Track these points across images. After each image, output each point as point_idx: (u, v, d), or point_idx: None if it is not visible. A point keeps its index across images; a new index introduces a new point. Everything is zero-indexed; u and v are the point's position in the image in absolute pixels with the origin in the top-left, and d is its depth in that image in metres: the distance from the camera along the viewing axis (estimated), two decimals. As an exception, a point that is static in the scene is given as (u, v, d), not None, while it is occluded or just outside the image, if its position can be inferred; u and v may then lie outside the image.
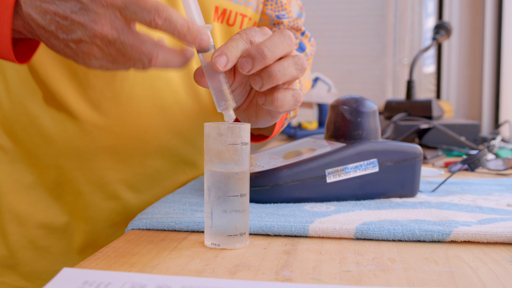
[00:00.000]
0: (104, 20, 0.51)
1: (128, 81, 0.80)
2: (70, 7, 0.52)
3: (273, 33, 0.57)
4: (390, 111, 1.46)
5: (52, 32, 0.54)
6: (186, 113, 0.86)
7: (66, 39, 0.53)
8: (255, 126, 0.68)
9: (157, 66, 0.54)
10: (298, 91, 0.59)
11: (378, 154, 0.71)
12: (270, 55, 0.54)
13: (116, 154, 0.82)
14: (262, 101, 0.58)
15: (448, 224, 0.58)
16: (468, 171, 1.00)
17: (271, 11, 0.94)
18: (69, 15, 0.52)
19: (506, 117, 1.80)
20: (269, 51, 0.54)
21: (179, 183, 0.88)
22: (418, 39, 3.09)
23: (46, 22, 0.53)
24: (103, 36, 0.52)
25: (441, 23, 1.58)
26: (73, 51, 0.54)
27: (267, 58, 0.54)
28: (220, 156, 0.52)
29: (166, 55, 0.54)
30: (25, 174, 0.82)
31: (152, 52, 0.53)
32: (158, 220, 0.60)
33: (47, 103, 0.79)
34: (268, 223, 0.58)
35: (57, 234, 0.83)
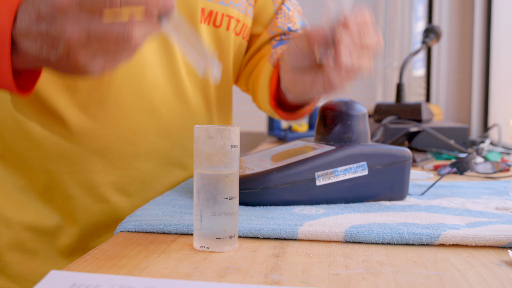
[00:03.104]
0: (68, 26, 0.52)
1: (115, 84, 0.80)
2: (45, 25, 0.53)
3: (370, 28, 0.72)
4: (380, 114, 1.46)
5: (45, 59, 0.55)
6: (174, 115, 0.86)
7: (57, 59, 0.54)
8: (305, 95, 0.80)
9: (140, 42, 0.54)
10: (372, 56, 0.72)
11: (367, 157, 0.72)
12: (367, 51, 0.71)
13: (105, 157, 0.82)
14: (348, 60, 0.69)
15: (437, 227, 0.58)
16: (457, 174, 1.01)
17: (282, 24, 0.99)
18: (46, 31, 0.53)
19: (495, 121, 1.81)
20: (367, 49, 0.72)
21: (169, 185, 0.88)
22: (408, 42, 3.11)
23: (37, 48, 0.55)
24: (76, 39, 0.52)
25: (431, 27, 1.59)
26: (71, 66, 0.55)
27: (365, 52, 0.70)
28: (209, 158, 0.52)
29: (141, 28, 0.53)
30: (15, 178, 0.81)
31: (125, 32, 0.52)
32: (147, 223, 0.60)
33: (35, 107, 0.79)
34: (258, 226, 0.58)
35: (46, 237, 0.83)
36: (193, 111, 0.88)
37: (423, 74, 2.35)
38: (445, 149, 1.28)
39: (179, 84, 0.85)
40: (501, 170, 1.04)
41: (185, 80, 0.86)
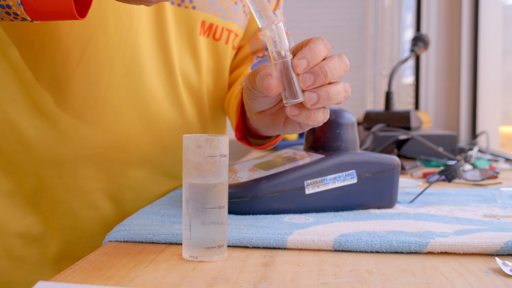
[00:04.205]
0: None
1: (112, 90, 0.80)
2: None
3: (333, 55, 0.59)
4: (369, 122, 1.47)
5: None
6: (169, 125, 0.86)
7: None
8: (279, 133, 0.70)
9: None
10: (328, 109, 0.61)
11: (356, 165, 0.72)
12: (331, 76, 0.57)
13: (97, 163, 0.81)
14: (296, 112, 0.59)
15: (425, 235, 0.58)
16: (446, 181, 1.01)
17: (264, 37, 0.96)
18: None
19: (483, 128, 1.82)
20: (330, 72, 0.57)
21: (160, 195, 0.88)
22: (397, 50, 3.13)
23: None
24: None
25: (419, 35, 1.60)
26: None
27: (328, 79, 0.57)
28: (198, 168, 0.52)
29: None
30: (2, 181, 0.81)
31: None
32: (136, 232, 0.60)
33: (29, 110, 0.79)
34: (247, 235, 0.58)
35: (34, 244, 0.82)
36: (188, 121, 0.88)
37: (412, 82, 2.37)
38: (434, 156, 1.29)
39: (175, 94, 0.86)
40: (489, 177, 1.04)
41: (181, 90, 0.86)
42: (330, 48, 0.60)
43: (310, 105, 0.58)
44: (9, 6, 0.60)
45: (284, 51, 0.57)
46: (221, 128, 0.99)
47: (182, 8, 0.84)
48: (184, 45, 0.86)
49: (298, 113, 0.59)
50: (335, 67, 0.58)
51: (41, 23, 0.76)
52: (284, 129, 0.68)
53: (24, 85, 0.79)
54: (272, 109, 0.69)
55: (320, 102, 0.57)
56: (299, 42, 0.62)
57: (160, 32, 0.83)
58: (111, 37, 0.79)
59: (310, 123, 0.60)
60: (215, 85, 0.92)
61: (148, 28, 0.82)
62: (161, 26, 0.83)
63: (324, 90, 0.57)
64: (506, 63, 2.01)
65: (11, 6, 0.60)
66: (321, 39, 0.59)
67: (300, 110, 0.59)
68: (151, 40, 0.82)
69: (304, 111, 0.59)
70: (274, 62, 0.58)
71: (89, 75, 0.79)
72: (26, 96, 0.79)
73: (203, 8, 0.85)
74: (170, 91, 0.85)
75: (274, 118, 0.68)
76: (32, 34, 0.77)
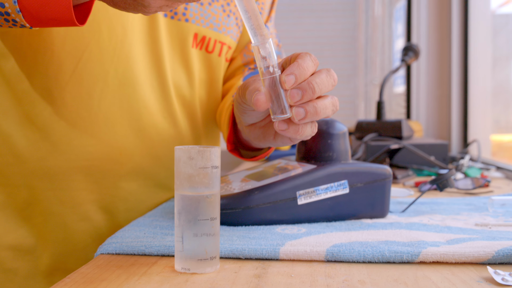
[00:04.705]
0: None
1: (106, 101, 0.80)
2: None
3: (321, 70, 0.60)
4: (361, 132, 1.47)
5: None
6: (162, 137, 0.86)
7: None
8: (270, 145, 0.70)
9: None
10: (316, 123, 0.61)
11: (348, 175, 0.72)
12: (318, 91, 0.58)
13: (90, 174, 0.81)
14: (284, 127, 0.59)
15: (417, 245, 0.59)
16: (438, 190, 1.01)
17: None
18: None
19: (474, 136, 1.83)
20: (318, 87, 0.57)
21: (153, 206, 0.88)
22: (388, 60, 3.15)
23: None
24: None
25: (409, 45, 1.61)
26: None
27: (316, 94, 0.57)
28: (190, 179, 0.52)
29: None
30: None
31: None
32: (128, 244, 0.60)
33: (21, 121, 0.79)
34: (239, 246, 0.58)
35: (25, 256, 0.82)
36: (181, 133, 0.88)
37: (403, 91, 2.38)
38: (426, 165, 1.29)
39: (168, 105, 0.86)
40: (481, 186, 1.05)
41: (174, 102, 0.86)
42: (318, 64, 0.60)
43: (297, 120, 0.58)
44: (8, 13, 0.60)
45: (273, 67, 0.57)
46: (214, 139, 0.99)
47: (175, 20, 0.85)
48: (176, 57, 0.86)
49: (286, 128, 0.59)
50: (323, 82, 0.58)
51: (34, 35, 0.76)
52: (275, 142, 0.68)
53: (16, 97, 0.79)
54: (262, 122, 0.69)
55: (308, 117, 0.58)
56: (287, 56, 0.62)
57: (153, 45, 0.83)
58: (105, 49, 0.79)
59: (298, 138, 0.61)
60: (208, 97, 0.93)
61: (141, 41, 0.82)
62: (154, 38, 0.83)
63: (311, 105, 0.58)
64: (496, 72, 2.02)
65: (9, 13, 0.60)
66: (309, 54, 0.59)
67: (288, 125, 0.59)
68: (144, 52, 0.82)
69: (292, 126, 0.59)
70: (262, 77, 0.58)
71: (82, 87, 0.79)
72: (18, 108, 0.79)
73: (195, 21, 0.86)
74: (163, 103, 0.85)
75: (264, 131, 0.69)
76: (25, 45, 0.77)
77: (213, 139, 0.98)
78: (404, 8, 2.31)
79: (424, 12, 2.02)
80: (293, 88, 0.57)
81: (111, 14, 0.78)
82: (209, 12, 0.87)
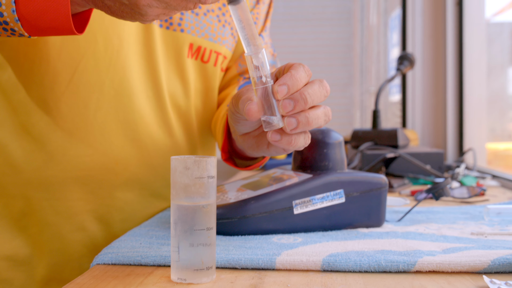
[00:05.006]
0: None
1: (102, 111, 0.80)
2: None
3: (314, 80, 0.60)
4: (357, 140, 1.47)
5: None
6: (158, 146, 0.86)
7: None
8: (264, 154, 0.70)
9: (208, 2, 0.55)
10: (309, 134, 0.62)
11: (344, 184, 0.72)
12: (311, 102, 0.58)
13: (86, 184, 0.81)
14: (277, 138, 0.59)
15: (413, 254, 0.59)
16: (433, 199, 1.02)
17: None
18: None
19: (469, 145, 1.84)
20: (310, 98, 0.58)
21: (148, 216, 0.87)
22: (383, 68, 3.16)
23: None
24: None
25: (405, 54, 1.62)
26: (128, 7, 0.56)
27: (308, 105, 0.58)
28: (186, 189, 0.52)
29: None
30: None
31: None
32: (124, 255, 0.60)
33: (17, 132, 0.79)
34: (235, 256, 0.58)
35: (21, 267, 0.81)
36: (177, 142, 0.88)
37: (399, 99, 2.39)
38: (422, 174, 1.29)
39: (163, 115, 0.86)
40: (476, 195, 1.05)
41: (169, 112, 0.87)
42: (311, 75, 0.60)
43: (289, 130, 0.58)
44: (6, 22, 0.60)
45: (265, 77, 0.57)
46: (210, 149, 0.99)
47: (170, 31, 0.85)
48: (172, 68, 0.86)
49: (279, 138, 0.59)
50: (315, 93, 0.59)
51: (30, 45, 0.77)
52: (268, 151, 0.68)
53: (12, 107, 0.79)
54: (255, 131, 0.69)
55: (300, 127, 0.58)
56: (280, 66, 0.63)
57: (148, 55, 0.83)
58: (101, 60, 0.79)
59: (291, 148, 0.61)
60: (204, 106, 0.93)
61: (137, 51, 0.82)
62: (150, 48, 0.83)
63: (303, 115, 0.58)
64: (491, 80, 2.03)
65: (8, 22, 0.60)
66: (302, 65, 0.60)
67: (281, 135, 0.59)
68: (139, 63, 0.83)
69: (285, 137, 0.59)
70: (255, 87, 0.58)
71: (78, 97, 0.79)
72: (14, 118, 0.79)
73: (191, 31, 0.86)
74: (159, 112, 0.85)
75: (258, 140, 0.69)
76: (21, 55, 0.77)
77: (209, 149, 0.99)
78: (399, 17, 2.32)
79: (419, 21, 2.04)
80: (285, 98, 0.57)
81: (107, 25, 0.78)
82: (205, 22, 0.88)
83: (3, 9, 0.59)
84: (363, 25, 3.62)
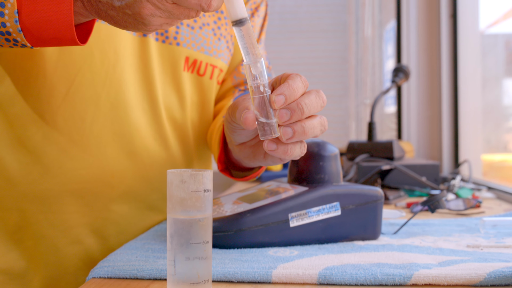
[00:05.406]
0: None
1: (98, 124, 0.80)
2: None
3: (311, 91, 0.60)
4: (352, 152, 1.48)
5: (108, 3, 0.56)
6: (153, 159, 0.86)
7: (121, 6, 0.55)
8: (261, 164, 0.70)
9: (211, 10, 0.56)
10: (305, 143, 0.62)
11: (340, 197, 0.72)
12: (307, 112, 0.58)
13: (81, 198, 0.81)
14: (273, 147, 0.60)
15: (409, 267, 0.59)
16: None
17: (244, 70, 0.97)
18: None
19: (465, 156, 1.84)
20: (307, 108, 0.58)
21: (144, 229, 0.87)
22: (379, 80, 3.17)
23: None
24: None
25: (400, 67, 1.62)
26: (131, 17, 0.56)
27: (304, 115, 0.58)
28: (182, 203, 0.52)
29: None
30: None
31: None
32: (119, 268, 0.60)
33: (13, 145, 0.79)
34: (231, 269, 0.58)
35: (16, 280, 0.81)
36: (173, 155, 0.88)
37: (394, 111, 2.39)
38: (418, 186, 1.30)
39: (159, 128, 0.86)
40: (472, 207, 1.05)
41: (165, 125, 0.87)
42: (308, 85, 0.61)
43: (285, 140, 0.59)
44: (9, 33, 0.60)
45: (263, 87, 0.58)
46: (206, 161, 0.99)
47: (166, 44, 0.85)
48: (168, 81, 0.87)
49: (275, 148, 0.60)
50: (312, 103, 0.59)
51: (27, 59, 0.77)
52: (265, 161, 0.69)
53: (8, 120, 0.79)
54: (252, 141, 0.69)
55: (295, 137, 0.58)
56: (277, 76, 0.63)
57: (144, 68, 0.83)
58: (97, 73, 0.79)
59: (287, 158, 0.61)
60: (200, 119, 0.93)
61: (133, 64, 0.82)
62: (146, 62, 0.83)
63: (299, 125, 0.58)
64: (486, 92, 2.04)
65: (11, 32, 0.60)
66: (299, 75, 0.60)
67: (277, 145, 0.60)
68: (135, 76, 0.83)
69: (281, 146, 0.60)
70: (252, 96, 0.58)
71: (74, 110, 0.79)
72: (10, 131, 0.79)
73: (187, 45, 0.87)
74: (155, 126, 0.85)
75: (255, 150, 0.69)
76: (18, 69, 0.77)
77: (206, 161, 0.99)
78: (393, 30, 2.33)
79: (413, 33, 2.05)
80: (282, 108, 0.58)
81: (103, 38, 0.78)
82: (200, 36, 0.88)
83: (5, 19, 0.59)
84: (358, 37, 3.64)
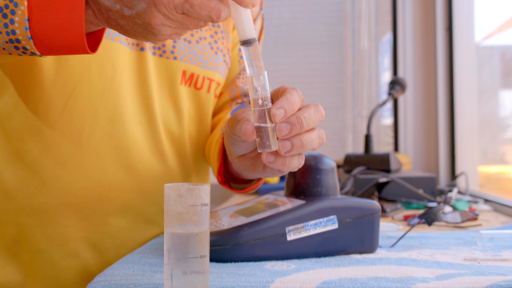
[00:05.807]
0: None
1: (95, 138, 0.80)
2: None
3: (310, 105, 0.61)
4: (349, 165, 1.48)
5: (118, 12, 0.56)
6: (151, 173, 0.86)
7: (131, 15, 0.55)
8: (260, 176, 0.71)
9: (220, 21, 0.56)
10: (303, 156, 0.62)
11: (337, 210, 0.72)
12: (306, 126, 0.59)
13: (79, 211, 0.81)
14: (271, 159, 0.60)
15: (407, 281, 0.59)
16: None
17: (242, 84, 0.99)
18: None
19: (462, 169, 1.85)
20: (306, 122, 0.59)
21: (141, 243, 0.87)
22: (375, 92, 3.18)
23: (111, 3, 0.55)
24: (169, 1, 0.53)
25: (396, 79, 1.63)
26: (141, 26, 0.56)
27: (303, 129, 0.59)
28: (180, 217, 0.52)
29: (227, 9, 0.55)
30: None
31: (219, 7, 0.54)
32: (117, 282, 0.59)
33: (10, 159, 0.79)
34: (229, 283, 0.58)
35: (11, 295, 0.81)
36: (170, 169, 0.89)
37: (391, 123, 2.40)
38: (415, 198, 1.30)
39: (157, 142, 0.86)
40: (469, 219, 1.05)
41: (163, 139, 0.87)
42: (304, 99, 0.62)
43: (283, 153, 0.59)
44: (18, 40, 0.59)
45: (263, 100, 0.58)
46: (204, 175, 0.99)
47: (163, 58, 0.86)
48: (165, 95, 0.87)
49: (273, 160, 0.60)
50: (311, 117, 0.60)
51: (25, 72, 0.77)
52: (264, 173, 0.69)
53: (6, 134, 0.79)
54: (251, 153, 0.70)
55: (294, 150, 0.59)
56: (274, 89, 0.64)
57: (142, 82, 0.84)
58: (95, 87, 0.79)
59: (286, 170, 0.62)
60: (198, 132, 0.93)
61: (130, 78, 0.83)
62: (143, 76, 0.84)
63: (298, 138, 0.59)
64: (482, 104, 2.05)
65: (20, 40, 0.59)
66: (295, 89, 0.61)
67: (275, 157, 0.60)
68: (133, 90, 0.83)
69: (279, 158, 0.60)
70: (253, 108, 0.59)
71: (72, 124, 0.79)
72: (7, 145, 0.79)
73: (184, 59, 0.87)
74: (152, 139, 0.86)
75: (254, 162, 0.69)
76: (16, 83, 0.78)
77: (203, 175, 0.99)
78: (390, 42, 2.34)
79: (409, 45, 2.06)
80: (282, 122, 0.58)
81: (101, 53, 0.79)
82: (197, 50, 0.89)
83: (15, 26, 0.58)
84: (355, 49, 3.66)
